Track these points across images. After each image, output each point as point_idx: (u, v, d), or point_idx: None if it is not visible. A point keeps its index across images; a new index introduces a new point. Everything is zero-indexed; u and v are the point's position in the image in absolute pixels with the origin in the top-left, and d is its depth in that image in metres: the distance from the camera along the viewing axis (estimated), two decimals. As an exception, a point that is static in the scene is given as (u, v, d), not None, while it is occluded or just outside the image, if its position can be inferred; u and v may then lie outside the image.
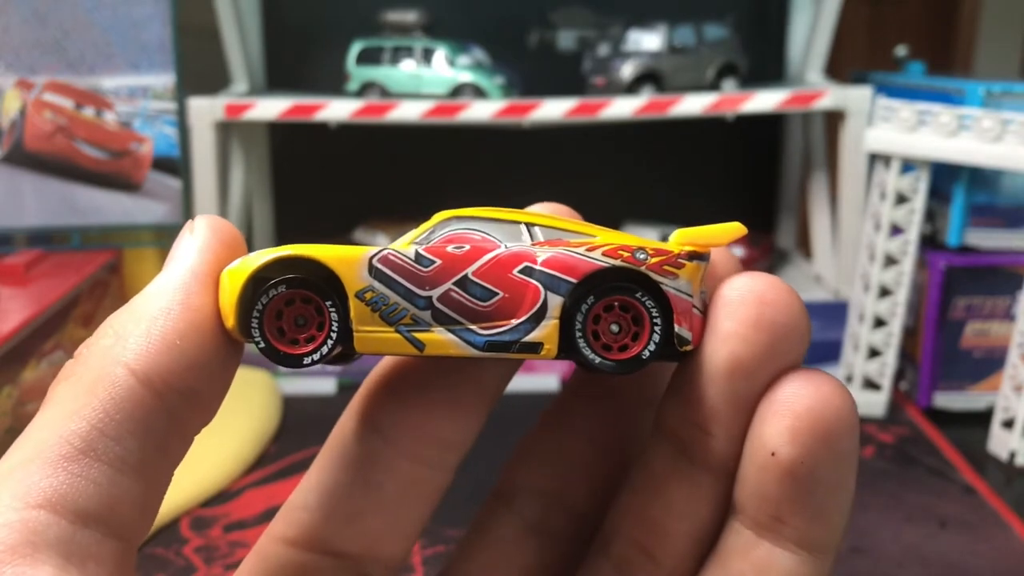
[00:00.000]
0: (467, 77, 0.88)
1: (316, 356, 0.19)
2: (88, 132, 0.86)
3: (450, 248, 0.20)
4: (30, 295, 0.75)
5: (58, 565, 0.16)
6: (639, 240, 0.20)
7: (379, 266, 0.19)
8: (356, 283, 0.19)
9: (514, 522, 0.23)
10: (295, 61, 1.03)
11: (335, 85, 0.93)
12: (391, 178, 1.07)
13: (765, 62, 1.02)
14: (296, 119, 0.87)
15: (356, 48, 0.91)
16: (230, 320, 0.19)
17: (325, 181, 1.08)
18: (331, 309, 0.19)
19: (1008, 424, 0.73)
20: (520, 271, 0.19)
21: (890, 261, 0.79)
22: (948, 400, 0.81)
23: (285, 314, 0.19)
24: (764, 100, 0.85)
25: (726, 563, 0.19)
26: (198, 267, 0.19)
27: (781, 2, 1.02)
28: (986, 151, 0.73)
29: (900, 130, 0.77)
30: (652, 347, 0.19)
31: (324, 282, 0.19)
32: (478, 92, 0.88)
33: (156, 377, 0.18)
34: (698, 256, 0.19)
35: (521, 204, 0.22)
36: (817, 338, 0.20)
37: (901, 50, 0.96)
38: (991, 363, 0.79)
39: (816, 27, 0.96)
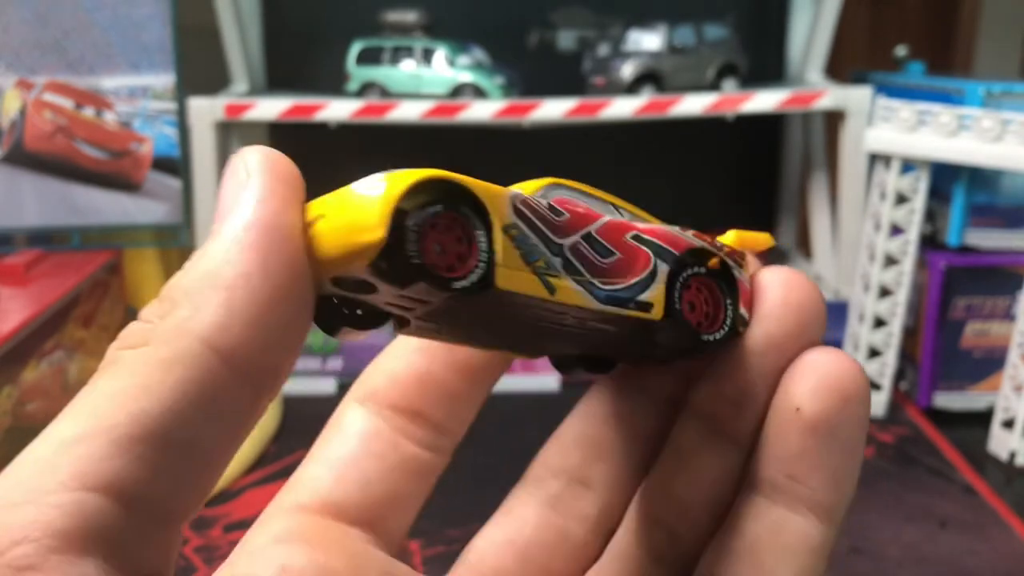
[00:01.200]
0: (467, 77, 0.88)
1: (465, 283, 0.18)
2: (88, 132, 0.86)
3: (570, 206, 0.21)
4: (30, 295, 0.75)
5: (105, 558, 0.14)
6: (703, 235, 0.22)
7: (522, 207, 0.19)
8: (504, 218, 0.19)
9: (538, 503, 0.23)
10: (295, 61, 1.03)
11: (335, 85, 0.93)
12: (391, 178, 1.07)
13: (765, 62, 1.02)
14: (296, 119, 0.87)
15: (356, 48, 0.91)
16: (376, 232, 0.17)
17: (325, 182, 1.08)
18: (481, 238, 0.18)
19: (1008, 424, 0.73)
20: (631, 237, 0.21)
21: (890, 261, 0.79)
22: (948, 400, 0.81)
23: (430, 236, 0.18)
24: (764, 100, 0.85)
25: (739, 528, 0.21)
26: (270, 220, 0.17)
27: (781, 2, 1.02)
28: (986, 151, 0.73)
29: (900, 130, 0.77)
30: (727, 326, 0.21)
31: (474, 212, 0.19)
32: (478, 92, 0.88)
33: (241, 355, 0.16)
34: (741, 253, 0.22)
35: None
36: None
37: (901, 50, 0.96)
38: (991, 363, 0.79)
39: (816, 27, 0.96)
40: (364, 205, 0.18)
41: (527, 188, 0.21)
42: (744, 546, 0.20)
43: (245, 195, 0.17)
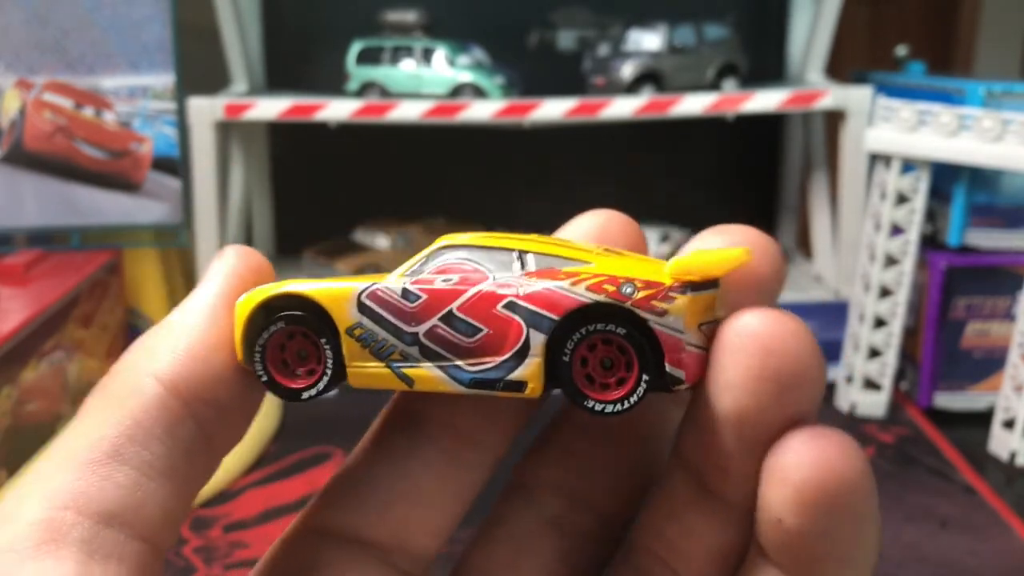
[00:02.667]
0: (467, 77, 0.88)
1: (312, 392, 0.20)
2: (88, 132, 0.86)
3: (439, 281, 0.19)
4: (30, 295, 0.75)
5: (80, 561, 0.16)
6: (637, 267, 0.19)
7: (367, 302, 0.19)
8: (346, 320, 0.19)
9: (535, 517, 0.22)
10: (295, 61, 1.03)
11: (335, 85, 0.93)
12: (391, 178, 1.07)
13: (765, 62, 1.02)
14: (296, 119, 0.87)
15: (356, 48, 0.91)
16: (238, 351, 0.20)
17: (325, 181, 1.08)
18: (325, 346, 0.20)
19: (1009, 424, 0.73)
20: (504, 306, 0.19)
21: (890, 261, 0.79)
22: (948, 400, 0.81)
23: (288, 347, 0.20)
24: (764, 100, 0.85)
25: None
26: (225, 290, 0.20)
27: (781, 2, 1.02)
28: (986, 151, 0.73)
29: (900, 130, 0.77)
30: (641, 388, 0.18)
31: (319, 319, 0.20)
32: (478, 92, 0.88)
33: (183, 387, 0.19)
34: (697, 287, 0.18)
35: (521, 204, 0.22)
36: (818, 338, 0.19)
37: (901, 50, 0.96)
38: (991, 363, 0.79)
39: (816, 27, 0.96)
40: (236, 321, 0.20)
41: (410, 263, 0.20)
42: None
43: (214, 273, 0.21)
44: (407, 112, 0.86)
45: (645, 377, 0.18)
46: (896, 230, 0.79)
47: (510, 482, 0.23)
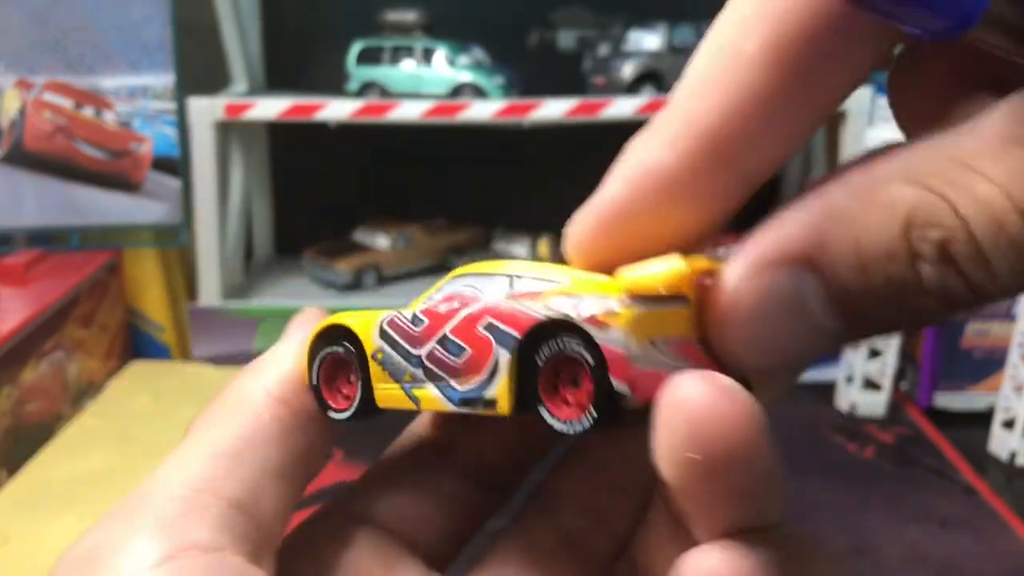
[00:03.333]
0: (467, 77, 0.88)
1: (348, 413, 0.22)
2: (88, 132, 0.86)
3: (442, 307, 0.20)
4: (30, 295, 0.75)
5: (217, 529, 0.19)
6: (608, 285, 0.18)
7: (387, 329, 0.21)
8: (371, 346, 0.21)
9: (552, 529, 0.23)
10: (295, 61, 1.03)
11: (335, 85, 0.93)
12: (391, 178, 1.07)
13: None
14: (296, 119, 0.87)
15: (356, 48, 0.91)
16: (305, 373, 0.22)
17: (325, 181, 1.08)
18: (358, 372, 0.22)
19: (1008, 424, 0.73)
20: (483, 327, 0.19)
21: (890, 261, 0.79)
22: (948, 400, 0.81)
23: (341, 372, 0.22)
24: (764, 100, 0.85)
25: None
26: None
27: (781, 2, 1.02)
28: (986, 151, 0.73)
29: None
30: (595, 407, 0.17)
31: (355, 346, 0.22)
32: (478, 92, 0.88)
33: (291, 398, 0.22)
34: (649, 301, 0.17)
35: (521, 203, 0.22)
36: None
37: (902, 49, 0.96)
38: (991, 363, 0.79)
39: (816, 27, 0.96)
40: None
41: (430, 290, 0.22)
42: None
43: (303, 322, 0.24)
44: (407, 112, 0.86)
45: (599, 394, 0.17)
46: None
47: (532, 492, 0.24)
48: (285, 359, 0.23)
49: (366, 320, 0.22)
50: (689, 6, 0.96)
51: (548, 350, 0.18)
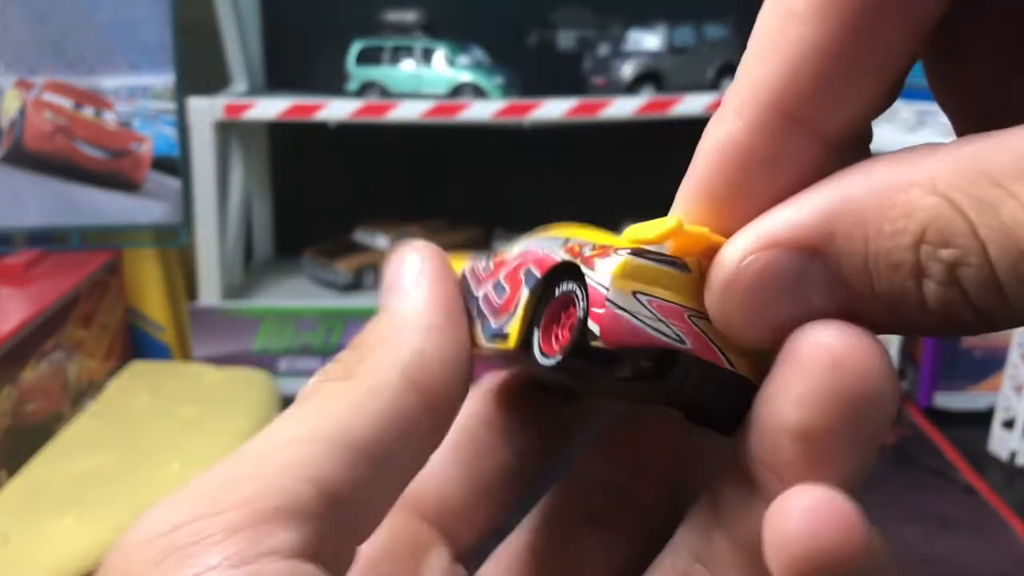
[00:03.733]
0: (467, 77, 0.88)
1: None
2: (88, 132, 0.86)
3: (508, 257, 0.21)
4: (30, 295, 0.75)
5: (302, 537, 0.16)
6: (621, 241, 0.19)
7: (466, 275, 0.22)
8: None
9: (578, 509, 0.23)
10: (295, 61, 1.03)
11: (335, 85, 0.93)
12: (391, 178, 1.07)
13: (765, 62, 1.02)
14: (296, 119, 0.87)
15: (356, 48, 0.91)
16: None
17: (325, 181, 1.08)
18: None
19: (1009, 424, 0.73)
20: (523, 272, 0.20)
21: (890, 261, 0.79)
22: (949, 400, 0.81)
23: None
24: (764, 100, 0.85)
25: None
26: (449, 292, 0.20)
27: (781, 2, 1.02)
28: (987, 151, 0.73)
29: (901, 130, 0.77)
30: (567, 346, 0.18)
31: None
32: (478, 92, 0.88)
33: (431, 391, 0.19)
34: (643, 255, 0.18)
35: (521, 203, 0.23)
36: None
37: (901, 50, 0.96)
38: (992, 363, 0.79)
39: (816, 27, 0.96)
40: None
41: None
42: None
43: (420, 277, 0.20)
44: (407, 112, 0.86)
45: (574, 328, 0.18)
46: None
47: (562, 476, 0.24)
48: (427, 330, 0.19)
49: (459, 265, 0.21)
50: (689, 6, 0.96)
51: (556, 291, 0.19)
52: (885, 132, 0.77)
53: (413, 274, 0.21)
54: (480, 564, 0.23)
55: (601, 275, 0.17)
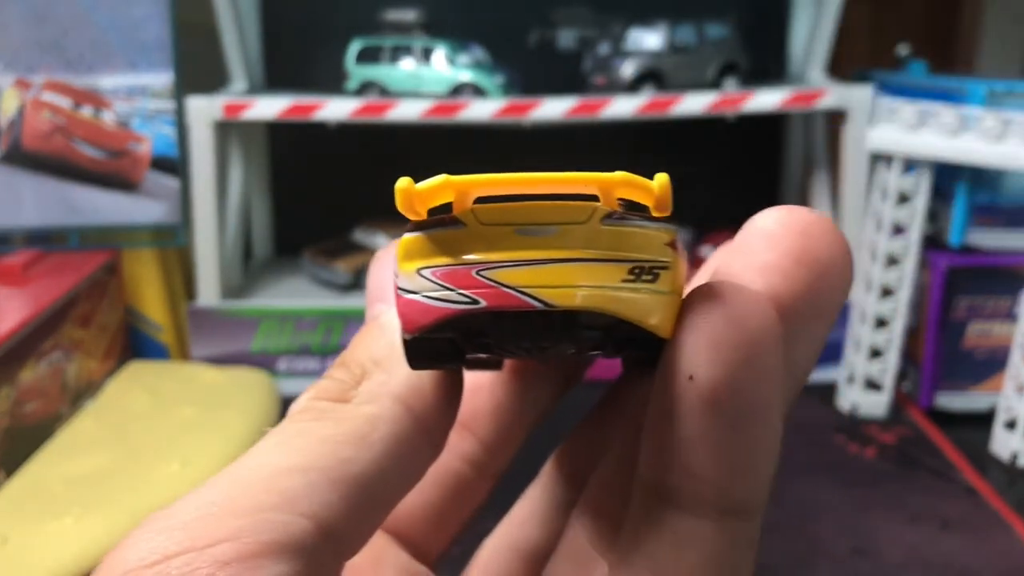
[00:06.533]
0: (467, 76, 0.88)
1: None
2: (86, 131, 0.86)
3: None
4: (28, 295, 0.75)
5: (293, 571, 0.15)
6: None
7: None
8: None
9: (552, 502, 0.23)
10: (294, 60, 1.03)
11: (334, 84, 0.93)
12: (391, 178, 1.07)
13: (766, 61, 1.02)
14: (295, 119, 0.87)
15: (355, 47, 0.91)
16: None
17: (324, 181, 1.08)
18: None
19: (1010, 425, 0.73)
20: None
21: (892, 261, 0.79)
22: (950, 401, 0.81)
23: None
24: (765, 99, 0.85)
25: (640, 546, 0.17)
26: None
27: (783, 1, 1.02)
28: (988, 151, 0.73)
29: (902, 130, 0.76)
30: (404, 341, 0.18)
31: None
32: (478, 91, 0.87)
33: (428, 418, 0.19)
34: (423, 226, 0.18)
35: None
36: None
37: (903, 49, 0.96)
38: (993, 364, 0.79)
39: (818, 26, 0.96)
40: None
41: None
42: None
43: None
44: (407, 111, 0.86)
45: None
46: (897, 230, 0.78)
47: (539, 473, 0.24)
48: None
49: None
50: (690, 5, 0.96)
51: None
52: (885, 132, 0.77)
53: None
54: (462, 568, 0.23)
55: (394, 267, 0.17)
